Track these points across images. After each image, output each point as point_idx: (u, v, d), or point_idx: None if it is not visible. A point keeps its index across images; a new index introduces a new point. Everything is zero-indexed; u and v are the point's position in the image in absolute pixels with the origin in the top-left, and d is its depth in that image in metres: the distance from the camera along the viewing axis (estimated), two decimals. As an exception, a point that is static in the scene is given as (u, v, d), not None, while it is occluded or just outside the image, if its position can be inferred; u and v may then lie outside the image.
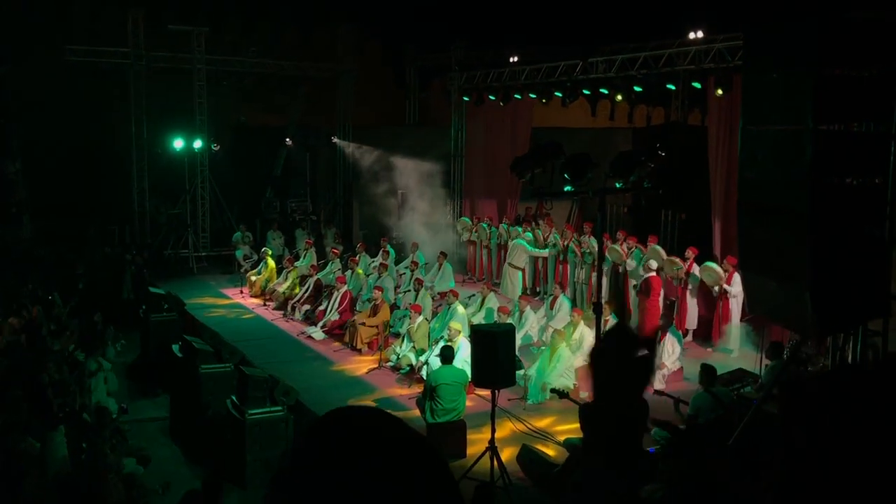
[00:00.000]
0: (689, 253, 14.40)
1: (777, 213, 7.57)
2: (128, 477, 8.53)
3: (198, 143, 21.99)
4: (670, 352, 12.07)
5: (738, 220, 8.35)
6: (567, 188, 7.71)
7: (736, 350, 13.52)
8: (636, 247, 15.44)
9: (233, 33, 23.70)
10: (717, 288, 13.69)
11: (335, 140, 25.35)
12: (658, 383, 11.67)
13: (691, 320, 14.33)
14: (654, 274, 13.90)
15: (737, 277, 13.32)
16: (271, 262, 18.71)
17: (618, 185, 7.90)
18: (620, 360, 1.75)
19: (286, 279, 17.71)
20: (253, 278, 18.56)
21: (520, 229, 18.46)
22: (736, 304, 13.47)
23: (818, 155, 7.08)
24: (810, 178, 7.14)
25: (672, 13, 17.58)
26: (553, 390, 9.63)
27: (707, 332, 14.13)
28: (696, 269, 14.23)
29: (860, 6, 7.61)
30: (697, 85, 15.76)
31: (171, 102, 22.25)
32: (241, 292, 18.57)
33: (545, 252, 17.40)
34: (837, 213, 7.30)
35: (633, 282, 15.39)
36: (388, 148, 23.32)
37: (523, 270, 17.52)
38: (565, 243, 16.94)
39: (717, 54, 14.82)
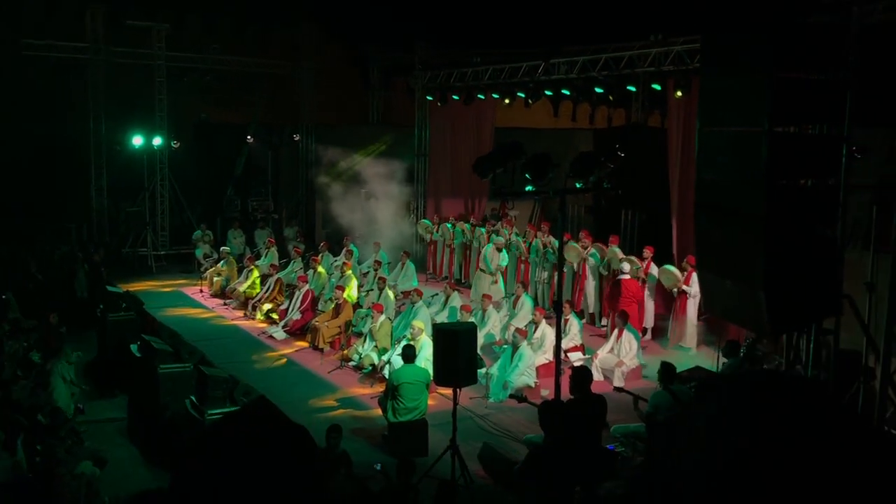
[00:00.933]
0: (647, 252, 14.57)
1: (733, 213, 7.69)
2: (83, 477, 8.38)
3: (157, 140, 21.70)
4: (627, 349, 12.21)
5: (695, 220, 8.47)
6: (528, 188, 7.75)
7: (693, 348, 13.70)
8: (593, 246, 15.56)
9: (194, 30, 23.42)
10: (675, 289, 13.87)
11: (297, 138, 25.18)
12: (617, 381, 11.81)
13: (649, 319, 14.50)
14: (627, 276, 13.94)
15: (695, 277, 13.50)
16: (231, 261, 18.55)
17: (578, 186, 7.96)
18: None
19: (247, 278, 17.57)
20: (213, 277, 18.37)
21: (483, 230, 18.49)
22: (693, 304, 13.66)
23: (773, 156, 7.21)
24: (765, 179, 7.26)
25: (633, 16, 17.76)
26: (511, 396, 9.68)
27: (665, 331, 14.31)
28: (653, 269, 14.40)
29: (815, 11, 7.77)
30: (657, 87, 15.95)
31: (130, 98, 21.91)
32: (201, 292, 18.38)
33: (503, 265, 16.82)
34: (792, 214, 7.44)
35: (593, 281, 15.53)
36: (351, 147, 23.23)
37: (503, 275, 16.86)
38: (527, 243, 17.02)
39: (676, 57, 15.02)
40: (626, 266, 13.98)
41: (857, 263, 10.43)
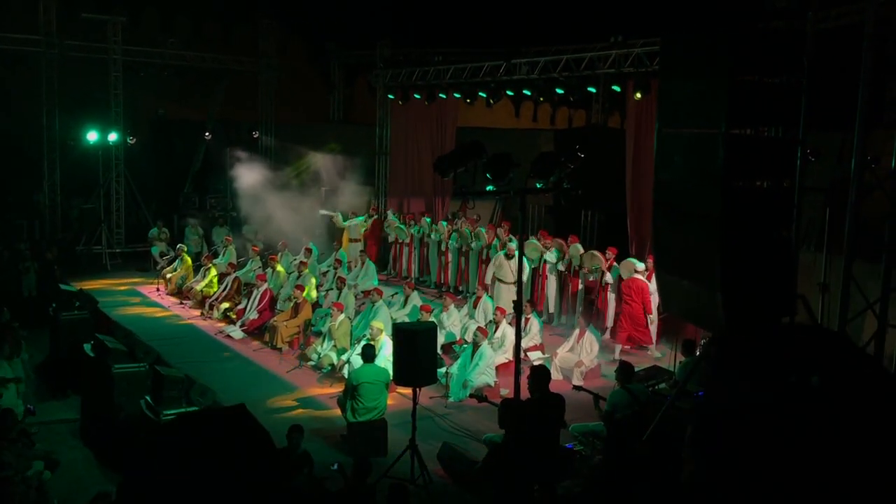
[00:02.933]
0: (610, 254, 14.72)
1: (690, 214, 7.79)
2: (33, 480, 8.20)
3: (113, 136, 21.33)
4: (588, 350, 12.32)
5: (652, 220, 8.56)
6: (489, 188, 7.75)
7: (652, 347, 13.86)
8: (554, 245, 15.65)
9: (151, 23, 23.07)
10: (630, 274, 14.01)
11: (256, 135, 24.94)
12: (576, 379, 11.90)
13: (610, 318, 14.63)
14: (637, 276, 13.91)
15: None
16: (188, 260, 18.32)
17: (538, 186, 7.99)
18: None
19: (204, 277, 17.37)
20: (169, 276, 18.14)
21: (444, 223, 18.52)
22: (652, 302, 13.82)
23: (730, 158, 7.31)
24: (722, 180, 7.36)
25: (593, 17, 17.92)
26: (472, 395, 9.70)
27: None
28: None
29: (772, 17, 7.90)
30: (617, 88, 16.10)
31: (85, 93, 21.52)
32: (157, 290, 18.13)
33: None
34: (748, 215, 7.55)
35: (554, 281, 15.63)
36: (311, 145, 23.08)
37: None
38: (488, 242, 17.07)
39: (636, 59, 15.18)
40: (641, 265, 13.89)
41: (810, 264, 10.65)
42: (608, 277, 14.49)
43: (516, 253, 14.05)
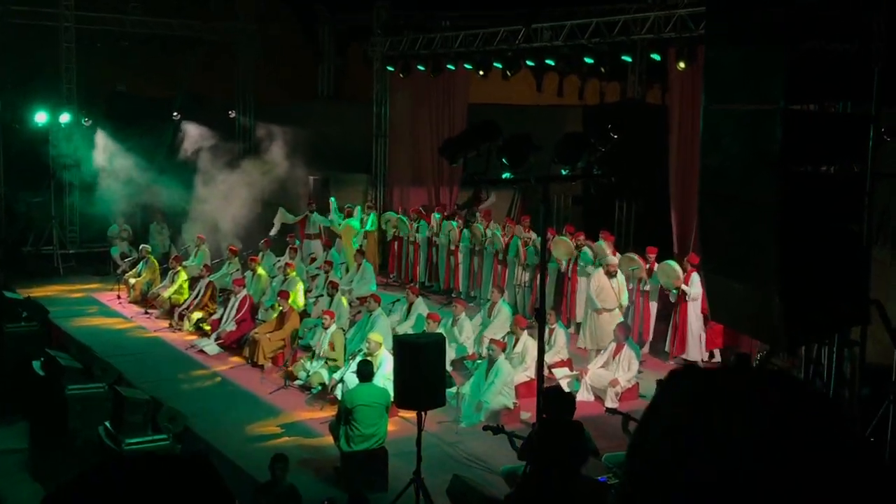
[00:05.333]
0: (649, 254, 14.71)
1: (742, 204, 7.78)
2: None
3: (65, 117, 21.44)
4: (626, 367, 12.32)
5: (698, 212, 8.57)
6: (505, 175, 7.78)
7: (699, 363, 13.85)
8: (585, 244, 15.69)
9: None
10: (674, 290, 14.04)
11: (233, 115, 25.01)
12: (610, 401, 11.91)
13: (650, 330, 14.64)
14: (693, 301, 13.91)
15: (695, 277, 13.69)
16: (154, 262, 18.41)
17: (564, 172, 8.01)
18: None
19: (172, 282, 17.45)
20: (132, 281, 18.23)
21: (454, 224, 18.57)
22: (694, 309, 13.83)
23: (789, 138, 7.30)
24: (779, 164, 7.35)
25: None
26: (486, 427, 9.72)
27: (663, 343, 14.46)
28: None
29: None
30: (657, 57, 16.09)
31: (31, 67, 21.60)
32: (118, 298, 18.22)
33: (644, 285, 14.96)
34: (810, 206, 7.54)
35: (584, 285, 15.64)
36: (297, 125, 23.13)
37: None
38: (506, 240, 17.11)
39: (679, 22, 15.15)
40: (694, 290, 13.82)
41: (885, 263, 10.63)
42: (647, 284, 14.48)
43: (619, 270, 14.23)
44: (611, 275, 14.28)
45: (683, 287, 13.88)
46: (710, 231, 8.47)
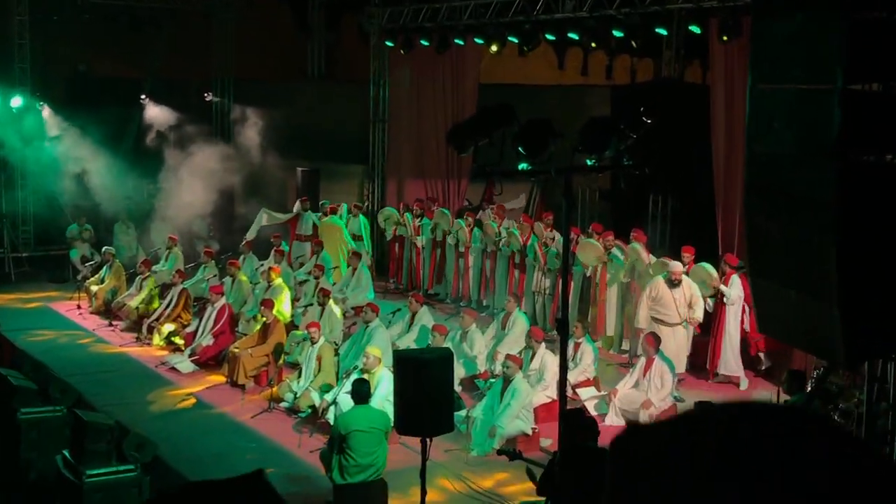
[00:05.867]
0: (685, 255, 14.66)
1: (795, 199, 7.75)
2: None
3: (17, 101, 21.48)
4: (658, 386, 12.29)
5: (744, 209, 8.54)
6: (522, 166, 7.75)
7: (743, 379, 13.82)
8: (615, 244, 15.66)
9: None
10: (710, 297, 14.00)
11: (210, 98, 25.04)
12: (644, 426, 11.88)
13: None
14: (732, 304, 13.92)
15: (735, 280, 13.65)
16: (119, 266, 18.42)
17: (589, 163, 7.98)
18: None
19: (140, 289, 17.47)
20: (94, 288, 18.26)
21: (462, 222, 18.56)
22: (734, 317, 13.79)
23: (848, 123, 7.26)
24: (837, 153, 7.31)
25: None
26: (500, 451, 9.69)
27: (703, 357, 14.42)
28: (676, 265, 14.61)
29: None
30: (696, 29, 16.05)
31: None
32: (79, 307, 18.25)
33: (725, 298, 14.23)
34: (874, 202, 7.50)
35: (615, 293, 15.61)
36: (283, 110, 23.16)
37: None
38: (523, 240, 17.10)
39: (721, -11, 15.12)
40: (734, 292, 13.79)
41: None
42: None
43: (684, 277, 13.95)
44: (673, 284, 13.91)
45: (721, 288, 13.83)
46: (758, 230, 8.43)
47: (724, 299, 13.88)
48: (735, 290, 13.72)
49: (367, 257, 19.66)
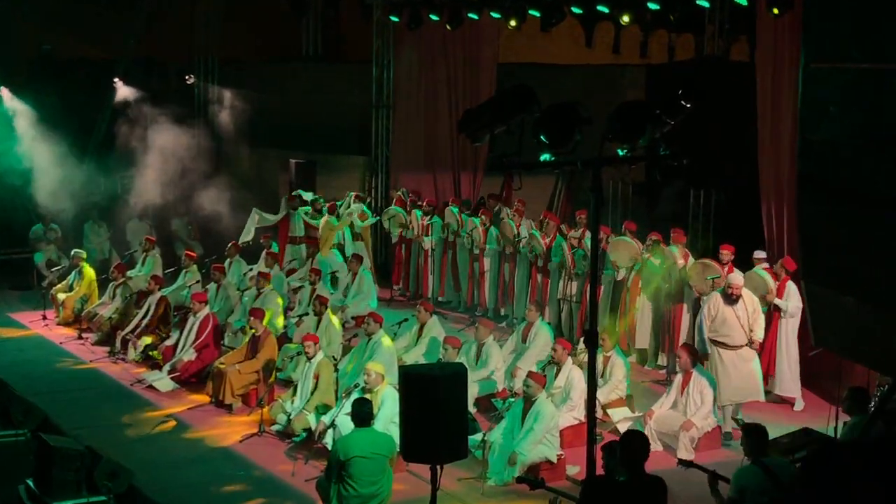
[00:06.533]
0: (725, 254, 14.60)
1: (855, 194, 7.75)
2: None
3: (-26, 86, 21.60)
4: (698, 403, 12.24)
5: (797, 205, 8.53)
6: (544, 157, 7.75)
7: (799, 399, 13.77)
8: (651, 243, 15.61)
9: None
10: (763, 308, 13.95)
11: (191, 81, 25.08)
12: (685, 451, 11.85)
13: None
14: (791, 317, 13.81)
15: (791, 288, 13.59)
16: (89, 272, 18.45)
17: (621, 153, 7.96)
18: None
19: (113, 297, 17.49)
20: (62, 296, 18.29)
21: (476, 221, 18.55)
22: (792, 329, 13.74)
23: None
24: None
25: None
26: (521, 479, 9.68)
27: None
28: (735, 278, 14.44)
29: None
30: (743, 1, 16.03)
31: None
32: (44, 318, 18.30)
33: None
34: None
35: (649, 301, 15.59)
36: (275, 95, 23.21)
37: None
38: (546, 241, 17.07)
39: (771, -45, 15.11)
40: (792, 304, 13.65)
41: None
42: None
43: (744, 290, 13.23)
44: (732, 299, 13.26)
45: (776, 301, 13.78)
46: (812, 229, 8.43)
47: (782, 313, 13.77)
48: (793, 300, 13.57)
49: (368, 259, 19.69)
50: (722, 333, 13.28)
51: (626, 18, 18.55)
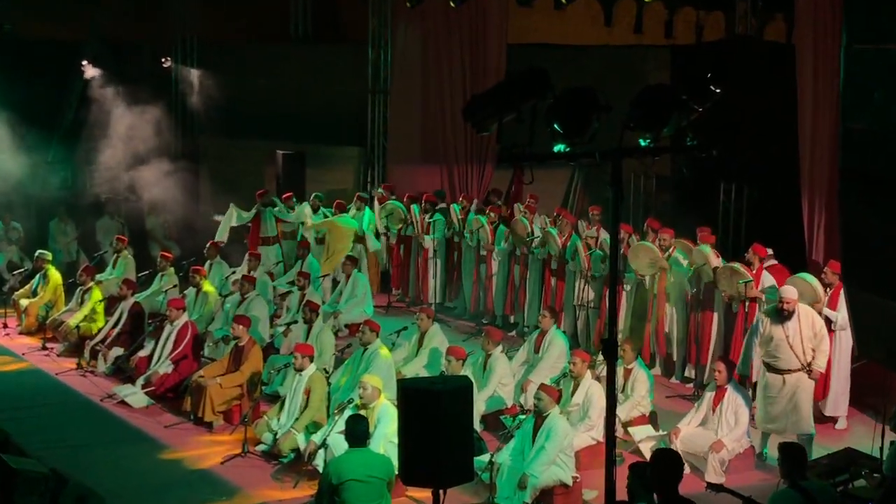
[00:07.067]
0: (754, 255, 14.57)
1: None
2: None
3: (-72, 70, 21.64)
4: (732, 423, 12.22)
5: (838, 200, 8.53)
6: (559, 148, 7.75)
7: (842, 418, 13.75)
8: (676, 245, 15.62)
9: None
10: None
11: (167, 64, 25.10)
12: (714, 474, 11.85)
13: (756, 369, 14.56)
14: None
15: (843, 296, 13.55)
16: (55, 275, 18.46)
17: (643, 143, 7.97)
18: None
19: (82, 303, 17.50)
20: (24, 302, 18.32)
21: (483, 220, 18.53)
22: (846, 344, 13.70)
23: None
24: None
25: None
26: None
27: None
28: (767, 280, 14.42)
29: None
30: (778, -25, 16.04)
31: None
32: (5, 326, 18.34)
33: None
34: None
35: (674, 307, 15.59)
36: (260, 79, 23.23)
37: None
38: (562, 241, 17.06)
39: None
40: (843, 315, 13.33)
41: None
42: (763, 304, 14.36)
43: (801, 305, 12.67)
44: (784, 315, 12.72)
45: (826, 312, 13.68)
46: (855, 228, 8.43)
47: (832, 325, 13.68)
48: (844, 310, 13.35)
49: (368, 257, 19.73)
50: (768, 353, 12.91)
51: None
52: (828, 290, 13.76)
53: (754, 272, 14.51)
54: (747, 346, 13.31)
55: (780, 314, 12.69)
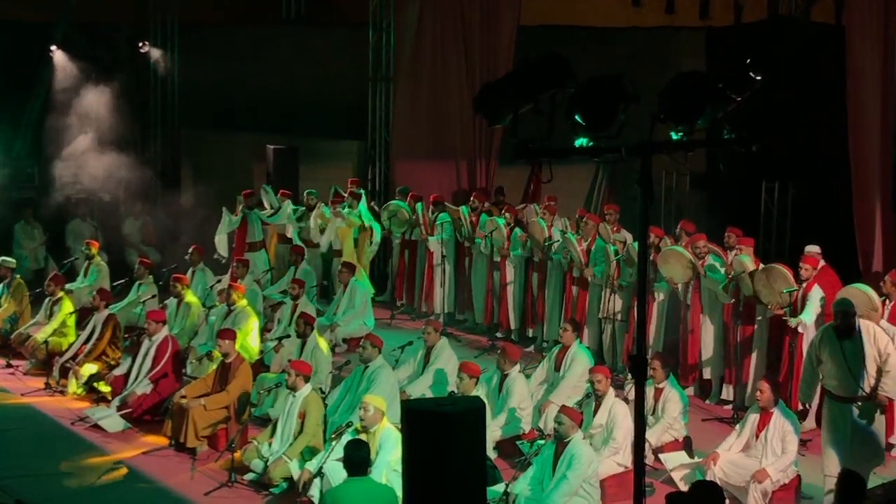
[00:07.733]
0: (806, 264, 14.53)
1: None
2: None
3: None
4: (778, 451, 12.19)
5: (894, 201, 8.55)
6: (581, 142, 7.77)
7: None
8: (711, 251, 15.61)
9: None
10: None
11: (146, 49, 25.17)
12: (755, 505, 11.85)
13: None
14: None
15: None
16: (21, 284, 18.49)
17: (675, 137, 7.98)
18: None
19: (50, 316, 17.53)
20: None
21: (500, 221, 18.52)
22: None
23: None
24: None
25: None
26: None
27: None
28: (814, 293, 14.34)
29: None
30: (826, -50, 16.06)
31: None
32: (-36, 341, 18.38)
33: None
34: None
35: (711, 320, 15.58)
36: (248, 66, 23.28)
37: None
38: (583, 246, 17.06)
39: None
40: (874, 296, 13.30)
41: None
42: (806, 315, 14.29)
43: (864, 323, 12.06)
44: (842, 332, 11.96)
45: (884, 325, 13.63)
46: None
47: (894, 341, 13.60)
48: None
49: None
50: (824, 377, 12.34)
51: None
52: (887, 302, 13.73)
53: (804, 282, 14.32)
54: (804, 369, 12.73)
55: (840, 332, 11.96)
